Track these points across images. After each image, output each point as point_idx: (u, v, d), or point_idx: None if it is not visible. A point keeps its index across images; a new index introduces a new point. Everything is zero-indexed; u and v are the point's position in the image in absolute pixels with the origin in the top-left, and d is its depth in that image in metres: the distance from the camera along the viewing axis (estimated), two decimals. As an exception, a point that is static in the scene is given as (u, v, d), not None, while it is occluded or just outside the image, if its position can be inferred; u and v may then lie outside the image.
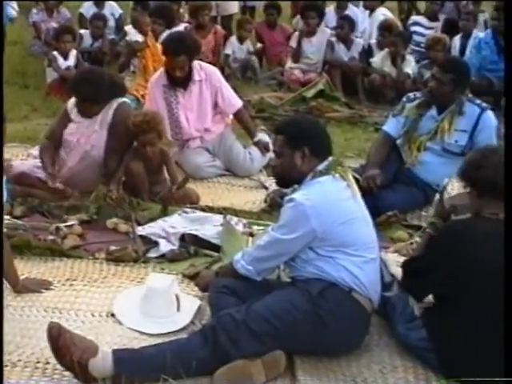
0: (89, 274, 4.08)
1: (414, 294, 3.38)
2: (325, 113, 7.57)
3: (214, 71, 5.98)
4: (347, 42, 8.85)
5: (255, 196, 5.39)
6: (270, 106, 7.70)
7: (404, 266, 3.45)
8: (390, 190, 4.99)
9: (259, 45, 9.72)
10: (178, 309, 3.62)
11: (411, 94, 5.30)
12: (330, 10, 9.95)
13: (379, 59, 8.53)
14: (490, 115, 5.01)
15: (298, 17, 9.70)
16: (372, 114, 7.76)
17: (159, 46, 6.83)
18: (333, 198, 3.30)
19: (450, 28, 9.15)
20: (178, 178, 5.11)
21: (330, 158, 3.37)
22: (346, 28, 8.82)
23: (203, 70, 5.85)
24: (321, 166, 3.32)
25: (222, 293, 3.45)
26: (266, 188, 5.44)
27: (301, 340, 3.24)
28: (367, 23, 9.77)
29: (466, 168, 3.30)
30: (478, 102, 5.10)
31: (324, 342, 3.27)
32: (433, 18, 9.58)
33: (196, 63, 5.82)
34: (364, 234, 3.38)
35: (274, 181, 3.91)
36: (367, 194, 4.61)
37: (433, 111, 5.08)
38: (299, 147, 3.34)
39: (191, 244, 4.41)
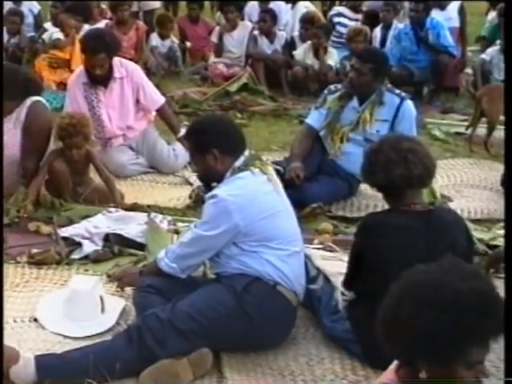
0: (10, 279, 3.97)
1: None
2: (249, 106, 7.58)
3: (136, 68, 5.91)
4: (270, 36, 8.87)
5: (180, 192, 5.35)
6: (193, 101, 7.67)
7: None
8: (314, 182, 5.02)
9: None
10: (103, 310, 3.56)
11: (332, 86, 5.33)
12: (254, 3, 9.95)
13: (302, 52, 8.57)
14: (409, 105, 5.08)
15: (221, 11, 9.68)
16: (296, 106, 7.80)
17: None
18: (254, 192, 3.28)
19: (371, 19, 9.25)
20: (108, 177, 5.03)
21: (247, 153, 3.35)
22: (268, 21, 8.83)
23: (124, 67, 5.77)
24: (238, 163, 3.30)
25: (146, 292, 3.40)
26: (191, 184, 5.41)
27: (227, 336, 3.22)
28: (290, 16, 9.80)
29: (366, 175, 3.32)
30: (398, 91, 5.17)
31: (250, 337, 3.25)
32: (357, 9, 9.66)
33: (116, 60, 5.74)
34: (287, 227, 3.37)
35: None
36: (291, 186, 4.63)
37: (354, 102, 5.12)
38: (208, 150, 3.30)
39: (115, 244, 4.34)
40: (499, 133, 6.58)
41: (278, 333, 3.35)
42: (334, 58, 8.44)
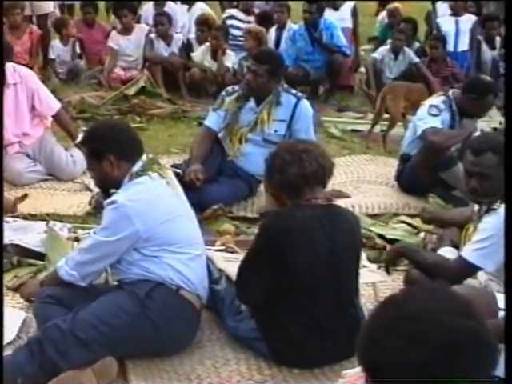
0: None
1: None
2: (147, 110, 7.52)
3: (29, 73, 5.78)
4: (167, 38, 8.83)
5: (80, 199, 5.25)
6: (91, 105, 7.55)
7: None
8: (214, 184, 5.04)
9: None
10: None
11: (230, 88, 5.36)
12: (149, 6, 9.88)
13: (200, 54, 8.58)
14: (305, 104, 5.16)
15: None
16: (195, 108, 7.80)
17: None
18: (154, 197, 3.27)
19: (265, 20, 9.33)
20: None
21: (144, 158, 3.33)
22: (164, 24, 8.79)
23: (17, 73, 5.63)
24: (135, 168, 3.27)
25: (47, 303, 3.33)
26: (90, 190, 5.32)
27: (131, 343, 3.20)
28: (187, 18, 9.78)
29: (267, 179, 3.37)
30: (294, 91, 5.26)
31: (155, 343, 3.24)
32: (248, 11, 9.72)
33: (9, 66, 5.59)
34: (188, 231, 3.38)
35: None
36: (191, 189, 4.65)
37: (251, 103, 5.16)
38: (104, 157, 3.26)
39: (14, 254, 4.22)
40: (396, 130, 6.79)
41: (182, 337, 3.35)
42: (231, 59, 8.48)
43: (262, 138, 5.10)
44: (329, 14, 8.97)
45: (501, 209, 3.39)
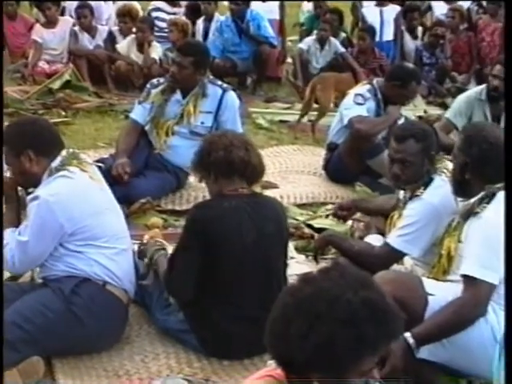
0: None
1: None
2: (73, 104, 7.39)
3: None
4: (91, 31, 8.69)
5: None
6: (14, 100, 7.35)
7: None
8: (141, 177, 4.99)
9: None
10: None
11: (155, 80, 5.30)
12: (73, -2, 9.71)
13: (125, 46, 8.47)
14: (232, 95, 5.15)
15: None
16: (121, 101, 7.70)
17: None
18: (77, 191, 3.21)
19: (193, 12, 9.28)
20: None
21: (64, 153, 3.26)
22: (88, 16, 8.65)
23: None
24: (55, 163, 3.21)
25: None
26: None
27: (58, 341, 3.14)
28: (112, 10, 9.65)
29: (198, 159, 3.35)
30: (220, 83, 5.24)
31: (82, 340, 3.19)
32: (174, 3, 9.65)
33: None
34: (114, 225, 3.33)
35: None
36: (118, 183, 4.61)
37: (177, 95, 5.12)
38: (22, 152, 3.20)
39: None
40: (324, 119, 6.84)
41: (110, 333, 3.31)
42: (157, 51, 8.40)
43: (189, 131, 5.06)
44: (257, 6, 9.03)
45: (424, 195, 3.45)
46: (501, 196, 3.02)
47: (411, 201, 3.51)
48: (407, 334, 2.91)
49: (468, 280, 2.95)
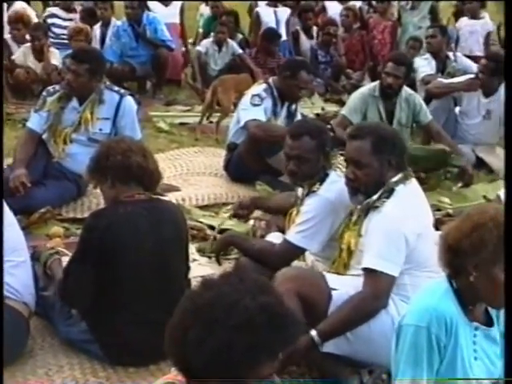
0: None
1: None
2: (-31, 114, 7.19)
3: None
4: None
5: None
6: None
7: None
8: (41, 186, 4.91)
9: None
10: None
11: (51, 88, 5.23)
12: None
13: (21, 55, 8.30)
14: (129, 100, 5.13)
15: None
16: (19, 110, 7.54)
17: None
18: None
19: (89, 17, 9.18)
20: None
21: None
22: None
23: None
24: None
25: None
26: None
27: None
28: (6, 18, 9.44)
29: (95, 164, 3.34)
30: (117, 89, 5.22)
31: (-17, 357, 3.12)
32: (69, 9, 9.53)
33: None
34: (10, 238, 3.24)
35: None
36: (17, 194, 4.54)
37: (74, 103, 5.07)
38: None
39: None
40: (225, 120, 6.90)
41: (12, 348, 3.22)
42: (56, 57, 8.27)
43: (87, 138, 5.02)
44: (159, 10, 9.14)
45: (320, 191, 3.52)
46: (400, 190, 3.14)
47: (308, 197, 3.58)
48: (312, 331, 2.99)
49: (368, 273, 3.04)
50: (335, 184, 3.51)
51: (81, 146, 5.03)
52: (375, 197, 3.16)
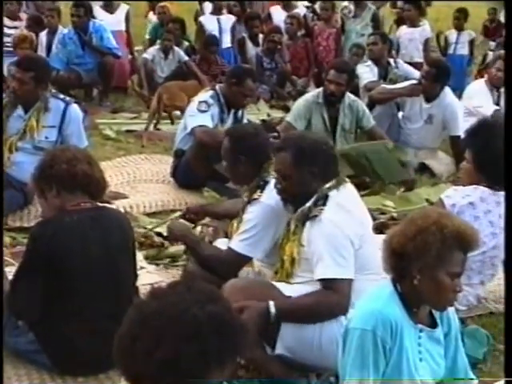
0: None
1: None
2: None
3: None
4: None
5: None
6: None
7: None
8: (-14, 196, 4.86)
9: None
10: None
11: (-5, 96, 5.20)
12: None
13: (-37, 62, 8.19)
14: (75, 108, 5.14)
15: None
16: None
17: None
18: None
19: (35, 25, 9.12)
20: None
21: None
22: None
23: None
24: None
25: None
26: None
27: None
28: None
29: (40, 172, 3.32)
30: (62, 96, 5.21)
31: None
32: (14, 17, 9.45)
33: None
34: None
35: None
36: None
37: (19, 111, 5.05)
38: None
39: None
40: (172, 127, 6.93)
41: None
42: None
43: (33, 146, 5.00)
44: (104, 17, 9.14)
45: (262, 198, 3.55)
46: (334, 196, 3.18)
47: (250, 204, 3.60)
48: (271, 302, 3.03)
49: (327, 283, 3.06)
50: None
51: (26, 155, 5.00)
52: (308, 205, 3.18)
